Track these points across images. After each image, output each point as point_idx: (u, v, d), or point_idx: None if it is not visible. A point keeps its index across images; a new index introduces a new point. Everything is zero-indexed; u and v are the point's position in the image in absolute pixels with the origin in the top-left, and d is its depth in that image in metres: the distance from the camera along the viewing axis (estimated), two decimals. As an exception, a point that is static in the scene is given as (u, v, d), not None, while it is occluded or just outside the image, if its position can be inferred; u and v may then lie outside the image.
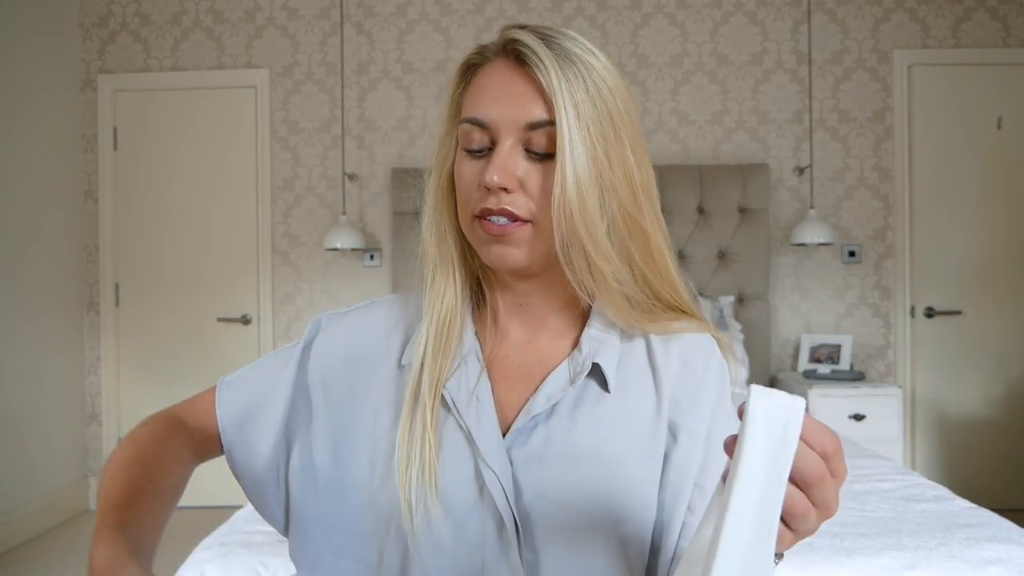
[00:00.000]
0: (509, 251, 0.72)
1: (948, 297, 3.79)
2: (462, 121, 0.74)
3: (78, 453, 3.89)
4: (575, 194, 0.68)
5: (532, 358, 0.78)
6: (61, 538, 3.47)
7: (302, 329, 3.91)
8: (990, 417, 3.76)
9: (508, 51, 0.72)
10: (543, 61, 0.69)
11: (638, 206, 0.73)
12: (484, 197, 0.72)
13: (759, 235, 3.67)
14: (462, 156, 0.75)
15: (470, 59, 0.76)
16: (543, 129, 0.70)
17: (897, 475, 2.04)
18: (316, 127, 3.93)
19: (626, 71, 3.88)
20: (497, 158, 0.70)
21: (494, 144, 0.72)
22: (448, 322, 0.77)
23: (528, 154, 0.71)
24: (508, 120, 0.71)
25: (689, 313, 0.79)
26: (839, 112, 3.83)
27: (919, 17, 3.82)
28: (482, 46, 0.76)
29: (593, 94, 0.70)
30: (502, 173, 0.70)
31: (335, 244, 3.65)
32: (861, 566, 1.40)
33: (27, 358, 3.52)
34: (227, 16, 3.93)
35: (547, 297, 0.79)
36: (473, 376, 0.76)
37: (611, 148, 0.70)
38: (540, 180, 0.71)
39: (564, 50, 0.70)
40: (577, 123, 0.68)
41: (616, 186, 0.71)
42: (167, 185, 3.94)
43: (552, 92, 0.69)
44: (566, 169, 0.68)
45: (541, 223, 0.71)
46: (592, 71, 0.70)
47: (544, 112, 0.70)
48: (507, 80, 0.72)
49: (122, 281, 3.94)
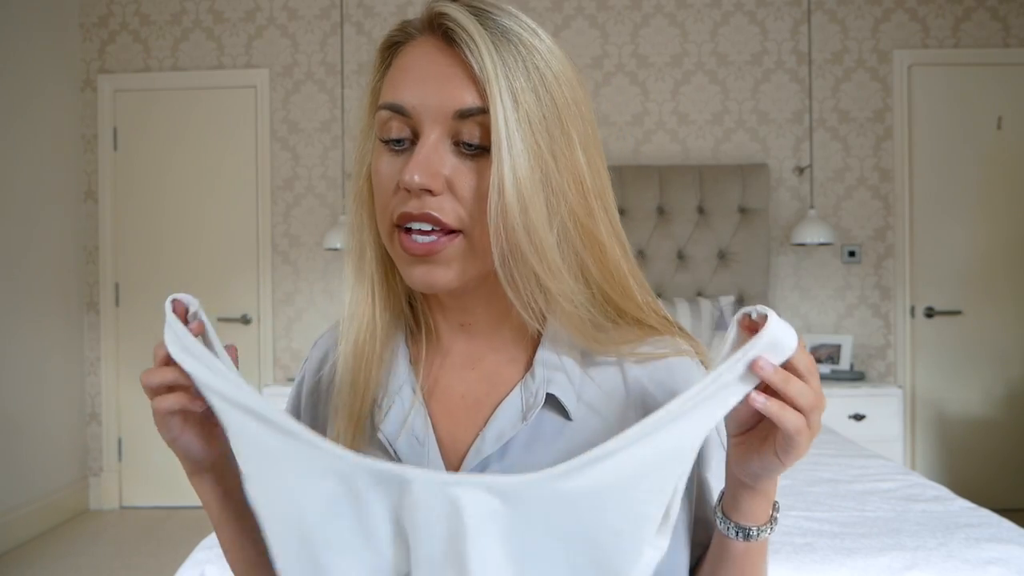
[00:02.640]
0: (437, 272, 0.61)
1: (948, 297, 3.79)
2: (379, 108, 0.62)
3: (78, 453, 3.89)
4: (515, 199, 0.57)
5: (478, 387, 0.67)
6: (61, 538, 3.47)
7: (302, 329, 3.92)
8: (990, 417, 3.76)
9: (435, 27, 0.61)
10: (474, 39, 0.58)
11: (590, 213, 0.62)
12: (404, 200, 0.60)
13: (759, 235, 3.67)
14: (380, 151, 0.63)
15: (391, 37, 0.64)
16: (475, 119, 0.59)
17: (897, 475, 2.04)
18: (316, 127, 3.93)
19: (626, 71, 3.88)
20: (419, 153, 0.59)
21: (416, 137, 0.61)
22: (365, 352, 0.66)
23: (457, 148, 0.60)
24: (432, 107, 0.59)
25: (657, 328, 0.67)
26: (839, 112, 3.83)
27: (919, 17, 3.82)
28: (405, 22, 0.64)
29: (535, 81, 0.59)
30: (424, 171, 0.58)
31: (335, 244, 3.65)
32: (861, 566, 1.40)
33: (27, 358, 3.52)
34: (227, 16, 3.93)
35: (493, 310, 0.67)
36: (408, 412, 0.66)
37: (557, 145, 0.59)
38: (472, 181, 0.59)
39: (501, 28, 0.59)
40: (516, 114, 0.57)
41: (564, 190, 0.60)
42: (167, 185, 3.94)
43: (486, 77, 0.57)
44: (503, 168, 0.57)
45: (474, 234, 0.60)
46: (534, 54, 0.59)
47: (476, 99, 0.58)
48: (432, 61, 0.60)
49: (122, 281, 3.94)
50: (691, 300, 3.43)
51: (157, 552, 3.23)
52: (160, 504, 3.88)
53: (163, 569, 2.94)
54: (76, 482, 3.85)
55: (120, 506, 3.93)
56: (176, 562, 1.57)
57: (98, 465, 3.94)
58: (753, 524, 0.61)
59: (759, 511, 0.61)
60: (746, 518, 0.61)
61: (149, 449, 3.91)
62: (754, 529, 0.61)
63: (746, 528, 0.61)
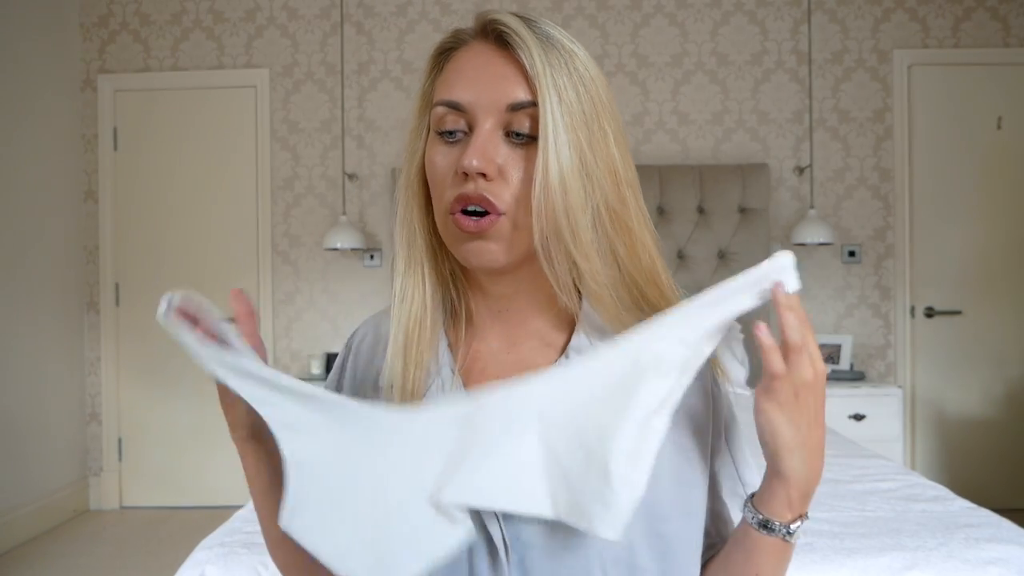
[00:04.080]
0: (487, 247, 0.67)
1: (948, 297, 3.79)
2: (435, 104, 0.69)
3: (78, 453, 3.89)
4: (558, 183, 0.64)
5: (513, 370, 0.72)
6: (61, 538, 3.47)
7: (302, 329, 3.92)
8: (990, 417, 3.77)
9: (488, 32, 0.69)
10: (526, 41, 0.65)
11: (622, 201, 0.68)
12: (460, 184, 0.66)
13: (759, 235, 3.67)
14: (435, 143, 0.70)
15: (444, 44, 0.72)
16: (525, 111, 0.66)
17: (897, 475, 2.04)
18: (316, 127, 3.93)
19: (626, 71, 3.88)
20: (476, 141, 0.66)
21: (471, 129, 0.67)
22: (417, 333, 0.72)
23: (508, 138, 0.67)
24: (488, 102, 0.66)
25: None
26: (839, 112, 3.83)
27: (919, 17, 3.82)
28: (457, 30, 0.72)
29: (576, 80, 0.66)
30: (481, 156, 0.65)
31: (335, 244, 3.65)
32: (861, 566, 1.40)
33: (27, 358, 3.52)
34: (227, 16, 3.93)
35: (530, 298, 0.73)
36: (447, 392, 0.71)
37: (594, 138, 0.66)
38: (521, 168, 0.66)
39: (546, 34, 0.67)
40: (560, 108, 0.65)
41: (600, 178, 0.67)
42: (167, 185, 3.94)
43: (535, 73, 0.65)
44: (549, 155, 0.64)
45: (518, 216, 0.67)
46: (574, 57, 0.67)
47: (526, 94, 0.66)
48: (487, 61, 0.68)
49: (122, 281, 3.95)
50: (691, 300, 3.43)
51: (157, 552, 3.23)
52: (160, 504, 3.88)
53: (163, 569, 2.94)
54: (76, 482, 3.85)
55: (120, 506, 3.93)
56: (176, 562, 1.57)
57: (98, 465, 3.94)
58: (775, 518, 0.64)
59: (780, 505, 0.64)
60: (769, 509, 0.65)
61: (149, 449, 3.92)
62: (776, 523, 0.64)
63: (767, 520, 0.65)
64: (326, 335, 3.91)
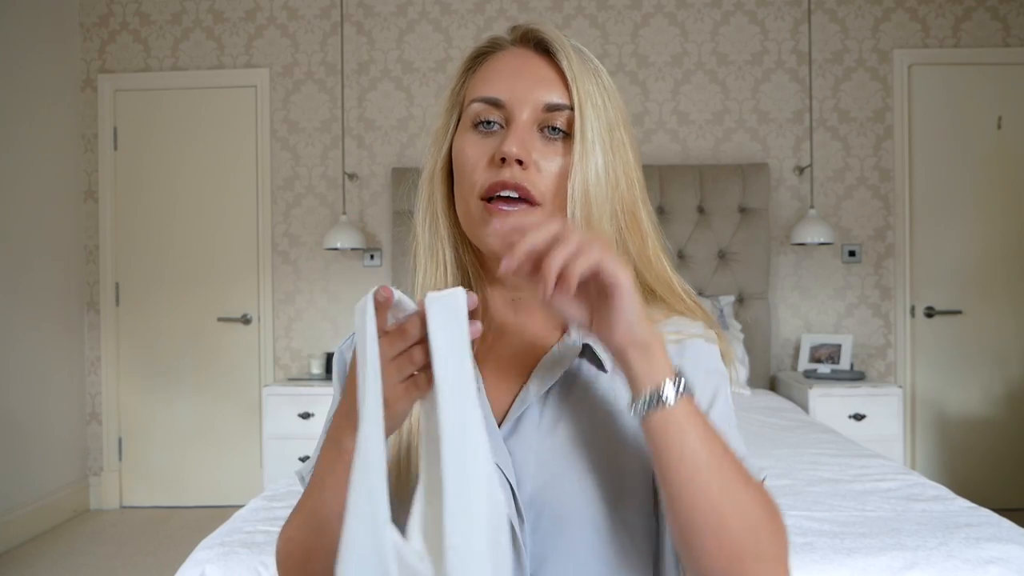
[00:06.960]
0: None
1: (948, 297, 3.79)
2: (472, 101, 0.74)
3: (78, 453, 3.89)
4: (593, 178, 0.70)
5: (522, 348, 0.77)
6: (61, 538, 3.47)
7: (302, 329, 3.92)
8: (990, 417, 3.77)
9: (528, 40, 0.75)
10: (566, 49, 0.72)
11: (636, 202, 0.75)
12: (497, 172, 0.70)
13: (759, 235, 3.67)
14: (467, 134, 0.74)
15: (480, 48, 0.78)
16: (560, 112, 0.72)
17: (897, 475, 2.04)
18: (316, 127, 3.93)
19: (626, 71, 3.88)
20: (515, 131, 0.71)
21: (507, 124, 0.72)
22: None
23: (542, 134, 0.72)
24: (526, 99, 0.72)
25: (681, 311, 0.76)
26: (839, 112, 3.83)
27: (919, 17, 3.82)
28: (495, 36, 0.78)
29: (602, 89, 0.73)
30: (520, 144, 0.70)
31: (335, 244, 3.65)
32: (861, 566, 1.40)
33: (27, 358, 3.52)
34: (227, 16, 3.93)
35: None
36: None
37: (616, 143, 0.73)
38: (554, 163, 0.71)
39: (576, 47, 0.74)
40: (592, 112, 0.71)
41: (618, 179, 0.73)
42: (167, 185, 3.94)
43: (573, 77, 0.71)
44: (587, 153, 0.70)
45: (547, 206, 0.71)
46: (600, 72, 0.75)
47: (561, 97, 0.72)
48: (527, 64, 0.74)
49: (122, 281, 3.95)
50: (691, 300, 3.43)
51: (157, 552, 3.23)
52: (160, 504, 3.88)
53: (163, 569, 2.94)
54: (77, 482, 3.85)
55: (120, 506, 3.93)
56: (176, 562, 1.57)
57: (98, 465, 3.94)
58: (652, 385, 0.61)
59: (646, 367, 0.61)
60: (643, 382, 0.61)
61: (149, 449, 3.92)
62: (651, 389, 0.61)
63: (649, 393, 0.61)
64: (326, 335, 3.91)
